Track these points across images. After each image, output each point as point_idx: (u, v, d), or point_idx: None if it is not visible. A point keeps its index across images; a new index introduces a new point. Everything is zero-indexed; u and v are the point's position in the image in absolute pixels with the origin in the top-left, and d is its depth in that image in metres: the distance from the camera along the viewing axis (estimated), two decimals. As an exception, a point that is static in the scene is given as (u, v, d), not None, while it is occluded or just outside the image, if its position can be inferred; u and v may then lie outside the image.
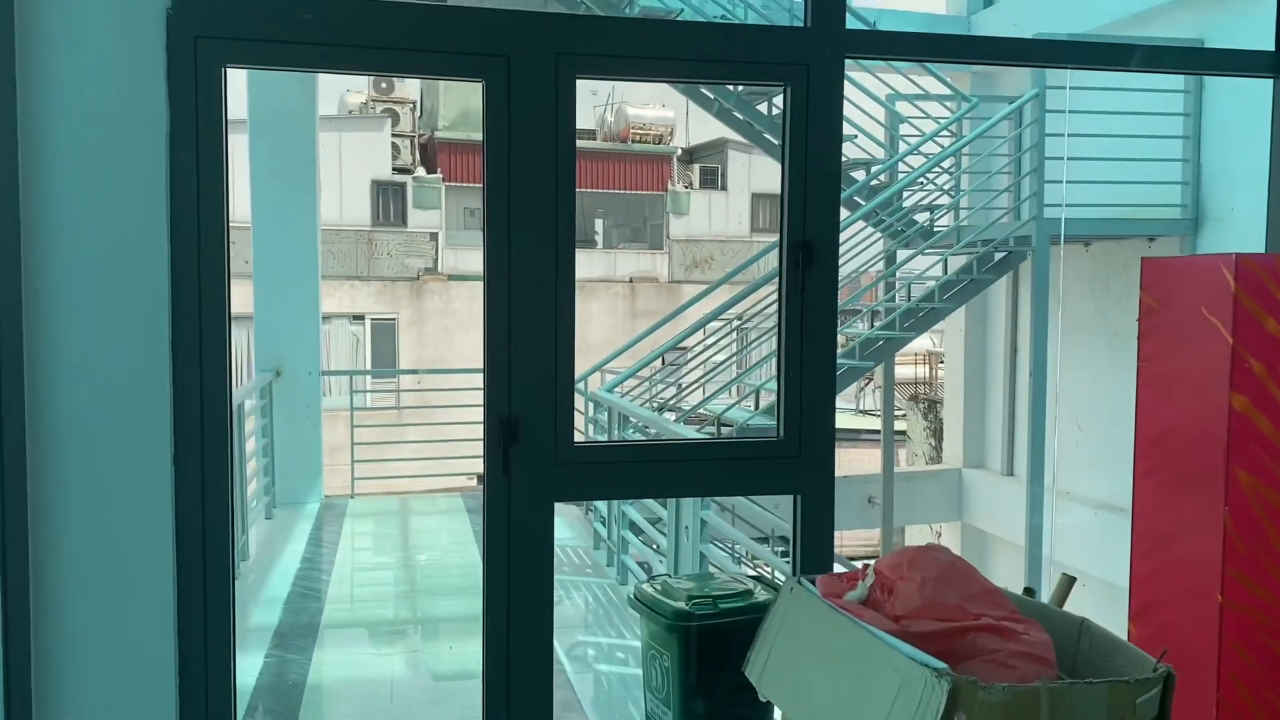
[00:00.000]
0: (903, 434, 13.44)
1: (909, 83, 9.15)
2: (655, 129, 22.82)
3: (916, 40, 4.50)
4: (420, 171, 21.09)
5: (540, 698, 2.96)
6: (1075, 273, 9.07)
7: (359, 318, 18.85)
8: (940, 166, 8.74)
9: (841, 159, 3.10)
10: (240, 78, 7.89)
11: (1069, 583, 2.74)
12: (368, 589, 6.92)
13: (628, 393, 9.15)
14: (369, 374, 17.55)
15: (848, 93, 3.04)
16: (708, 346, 9.33)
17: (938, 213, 9.02)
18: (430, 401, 11.64)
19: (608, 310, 20.08)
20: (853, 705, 2.14)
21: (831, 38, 2.98)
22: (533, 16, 2.85)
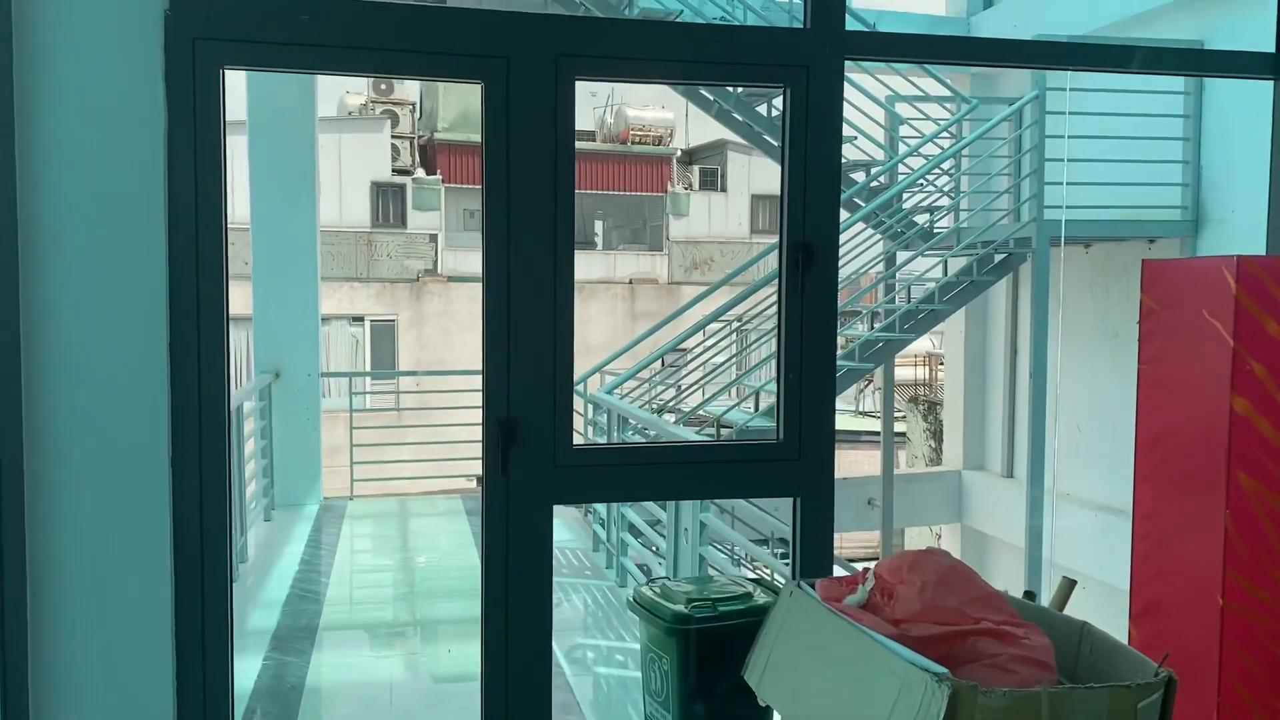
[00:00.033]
0: (902, 436, 13.44)
1: (909, 84, 9.15)
2: (655, 130, 22.84)
3: (916, 42, 4.48)
4: (420, 173, 21.10)
5: (539, 700, 2.95)
6: (1075, 274, 9.06)
7: (358, 319, 18.85)
8: (940, 168, 8.73)
9: (841, 161, 3.09)
10: (240, 79, 7.89)
11: (1069, 586, 2.74)
12: (367, 591, 6.90)
13: (627, 394, 9.14)
14: (368, 376, 17.54)
15: (847, 94, 3.04)
16: (707, 348, 9.32)
17: (938, 214, 9.01)
18: (429, 403, 11.63)
19: (607, 312, 20.08)
20: (852, 710, 2.14)
21: (831, 39, 2.97)
22: (532, 18, 2.84)
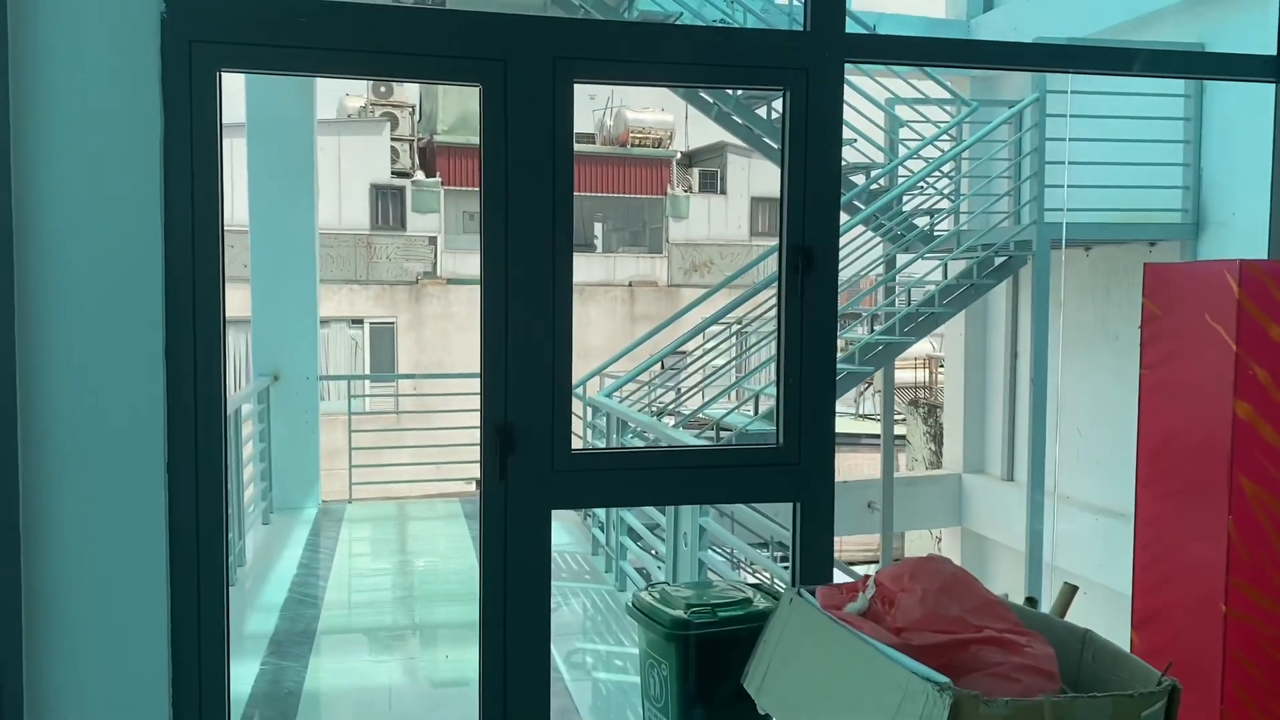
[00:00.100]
0: (902, 439, 13.42)
1: (909, 87, 9.14)
2: (654, 133, 22.83)
3: (917, 44, 4.46)
4: (419, 175, 21.08)
5: (538, 705, 2.94)
6: (1076, 277, 9.05)
7: (357, 322, 18.83)
8: (940, 171, 8.72)
9: (841, 163, 3.08)
10: (238, 82, 7.87)
11: (1071, 592, 2.72)
12: (365, 595, 6.88)
13: (627, 397, 9.12)
14: (367, 379, 17.52)
15: (847, 97, 3.03)
16: (707, 351, 9.30)
17: (938, 217, 9.00)
18: (429, 406, 11.61)
19: (606, 314, 20.06)
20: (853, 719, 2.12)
21: (831, 42, 2.96)
22: (530, 20, 2.83)
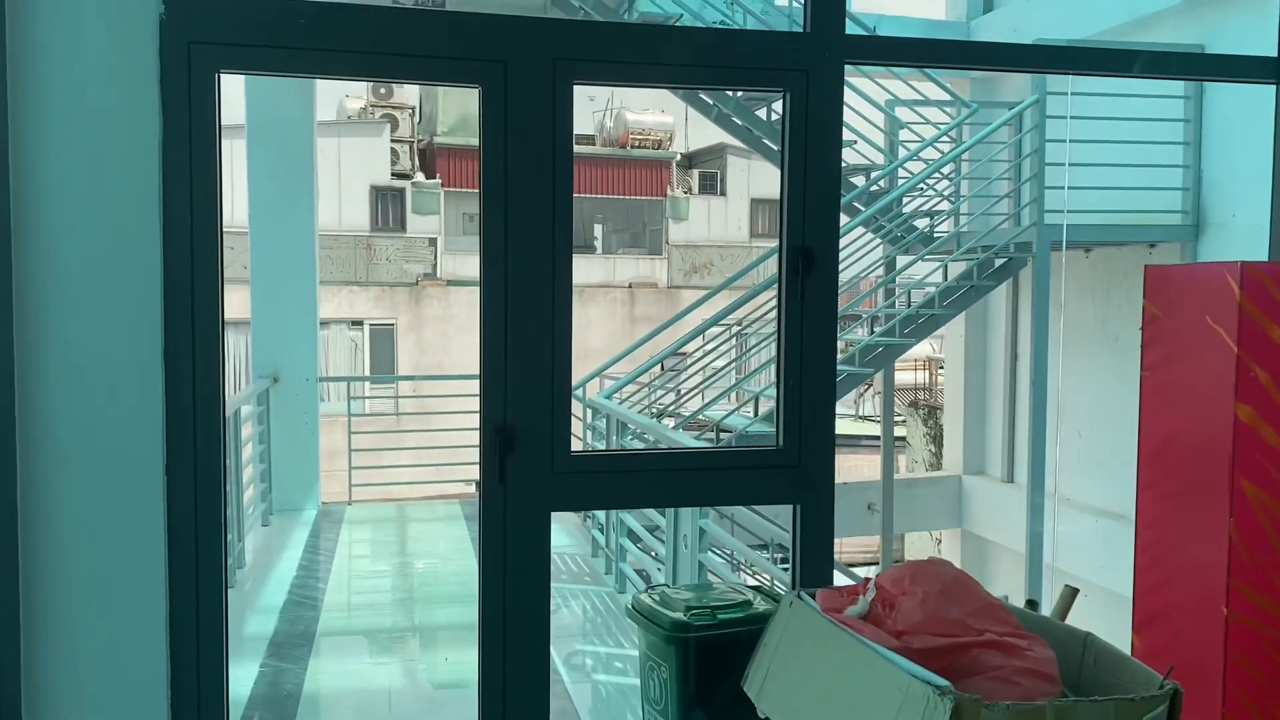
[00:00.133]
0: (902, 440, 13.41)
1: (908, 88, 9.13)
2: (654, 134, 22.83)
3: (917, 46, 4.46)
4: (419, 177, 21.08)
5: (537, 707, 2.93)
6: (1076, 279, 9.04)
7: (357, 323, 18.83)
8: (940, 172, 8.71)
9: (841, 165, 3.07)
10: (238, 83, 7.87)
11: (1072, 594, 2.71)
12: (365, 597, 6.87)
13: (627, 399, 9.11)
14: (366, 380, 17.51)
15: (847, 98, 3.02)
16: (707, 352, 9.30)
17: (938, 219, 8.99)
18: (428, 407, 11.60)
19: (606, 316, 20.06)
20: (853, 722, 2.11)
21: (831, 43, 2.96)
22: (530, 22, 2.82)
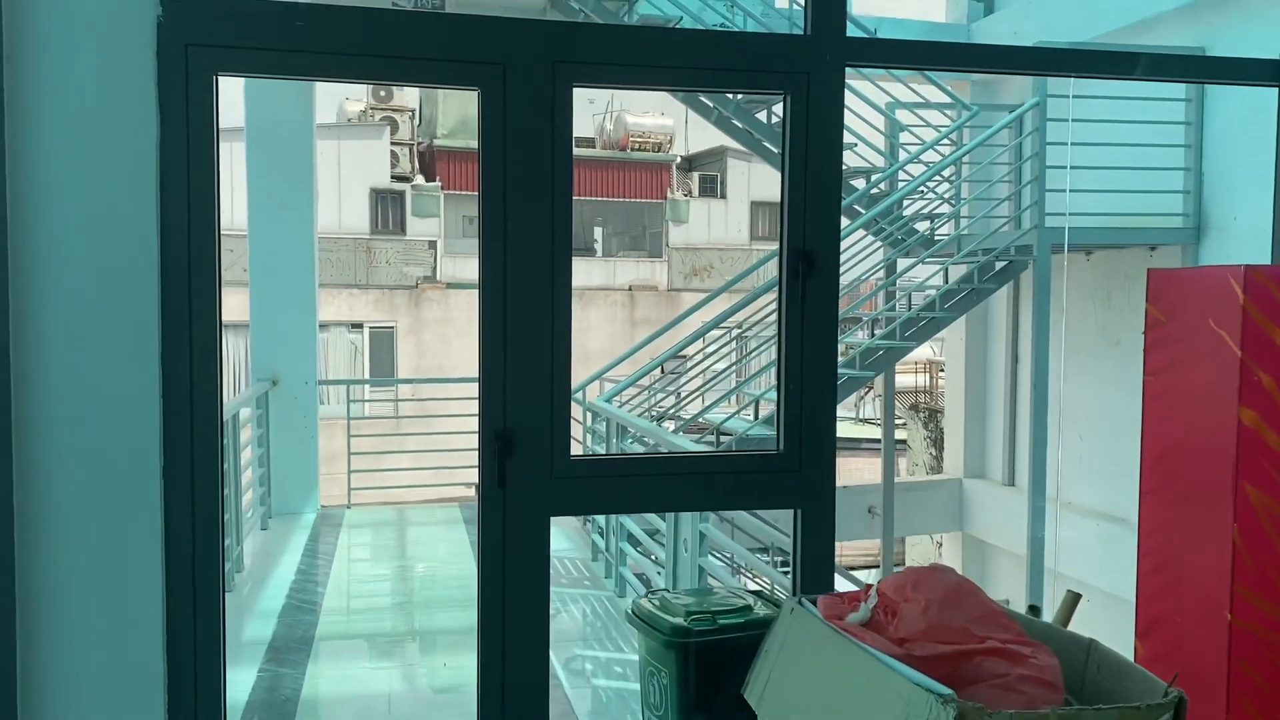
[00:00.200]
0: (903, 443, 13.39)
1: (909, 91, 9.12)
2: (654, 137, 22.85)
3: (918, 48, 4.46)
4: (419, 179, 21.09)
5: (536, 712, 2.92)
6: (1076, 282, 9.03)
7: (357, 326, 18.82)
8: (941, 175, 8.70)
9: (842, 168, 3.06)
10: (237, 85, 7.86)
11: (1074, 600, 2.70)
12: (364, 601, 6.85)
13: (627, 402, 9.10)
14: (366, 383, 17.51)
15: (847, 101, 3.01)
16: (707, 355, 9.28)
17: (938, 221, 8.98)
18: (428, 410, 11.59)
19: (606, 318, 20.06)
20: (855, 729, 2.09)
21: (832, 46, 2.94)
22: (528, 24, 2.81)
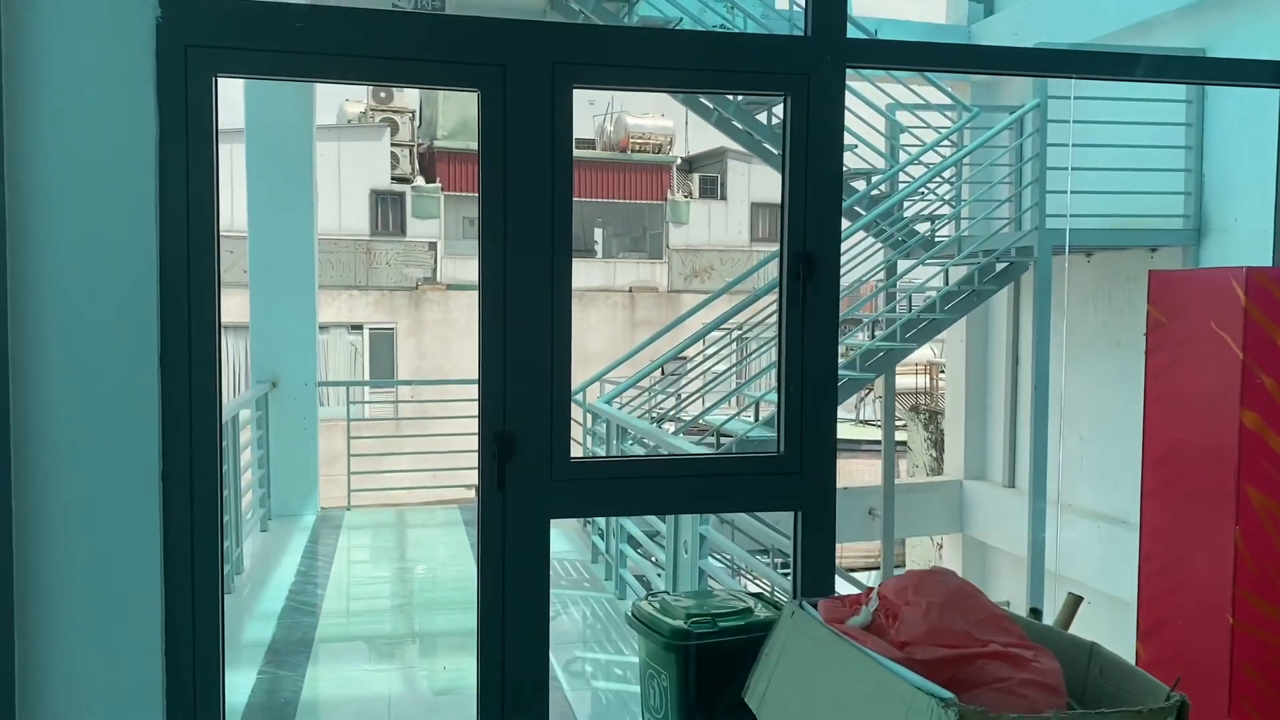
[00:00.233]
0: (903, 445, 13.38)
1: (909, 92, 9.11)
2: (654, 138, 22.84)
3: (918, 49, 4.46)
4: (419, 181, 21.07)
5: (536, 714, 2.92)
6: (1077, 283, 9.02)
7: (357, 327, 18.81)
8: (941, 176, 8.69)
9: (843, 169, 3.05)
10: (237, 87, 7.85)
11: (1075, 603, 2.69)
12: (364, 603, 6.84)
13: (627, 403, 9.09)
14: (366, 385, 17.49)
15: (848, 102, 3.00)
16: (708, 357, 9.27)
17: (939, 223, 8.97)
18: (428, 412, 11.58)
19: (607, 320, 20.04)
20: (856, 733, 2.08)
21: (832, 47, 2.94)
22: (528, 25, 2.81)
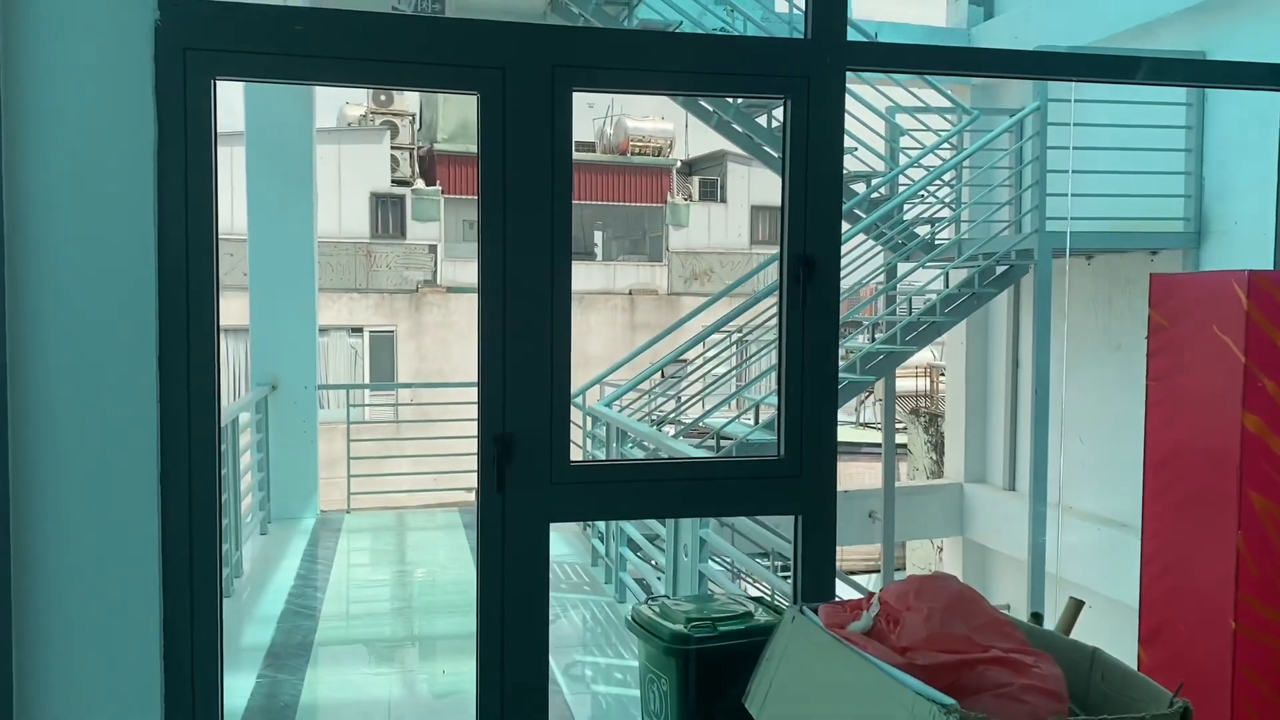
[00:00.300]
0: (904, 448, 13.36)
1: (909, 95, 9.11)
2: (654, 141, 22.83)
3: (918, 52, 4.45)
4: (419, 184, 21.06)
5: (536, 718, 2.90)
6: (1077, 286, 9.02)
7: (357, 330, 18.80)
8: (941, 179, 8.69)
9: (843, 172, 3.05)
10: (237, 89, 7.85)
11: (1077, 607, 2.68)
12: (363, 606, 6.83)
13: (627, 406, 9.07)
14: (366, 388, 17.48)
15: (848, 105, 3.00)
16: (708, 359, 9.26)
17: (939, 226, 8.97)
18: (428, 415, 11.56)
19: (607, 323, 20.04)
20: (857, 739, 2.07)
21: (832, 50, 2.93)
22: (528, 28, 2.80)
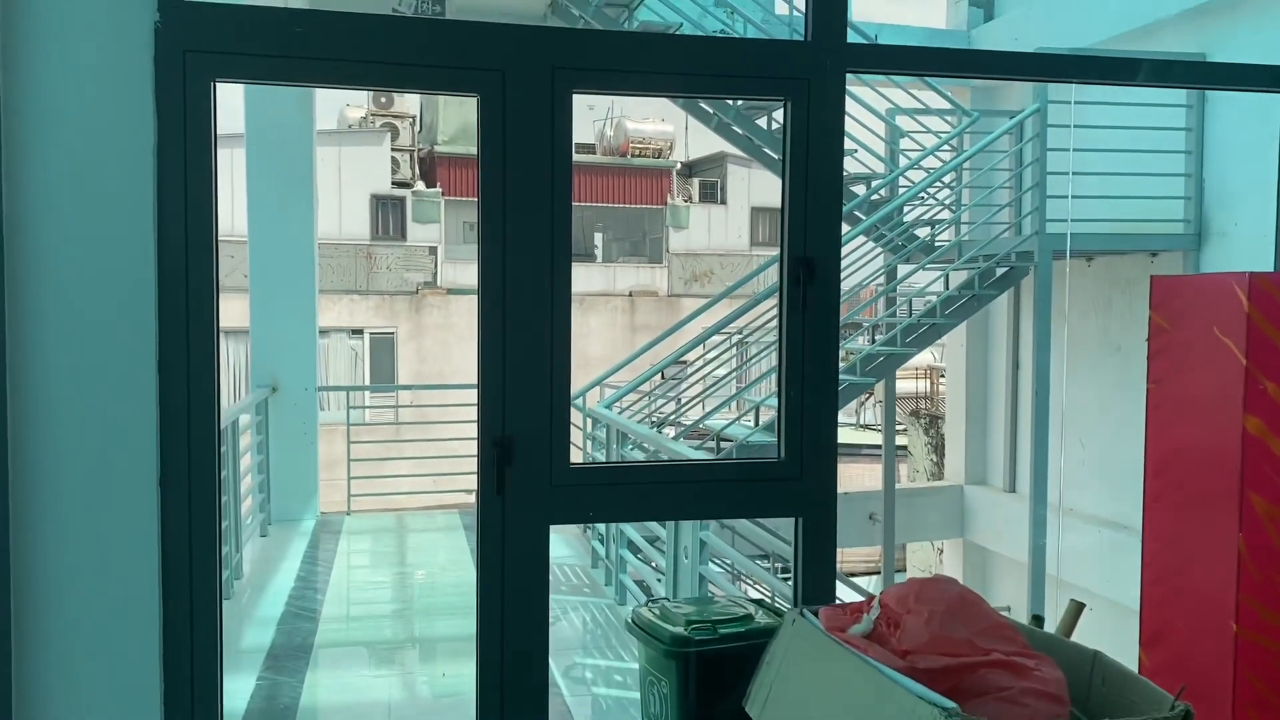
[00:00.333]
0: (904, 449, 13.36)
1: (909, 97, 9.11)
2: (654, 143, 22.83)
3: (918, 54, 4.44)
4: (420, 185, 21.07)
5: (536, 721, 2.90)
6: (1077, 288, 9.01)
7: (357, 332, 18.80)
8: (941, 181, 8.69)
9: (843, 174, 3.05)
10: (237, 91, 7.85)
11: (1078, 610, 2.67)
12: (363, 608, 6.82)
13: (627, 408, 9.07)
14: (366, 389, 17.47)
15: (848, 107, 2.99)
16: (708, 361, 9.25)
17: (939, 228, 8.97)
18: (428, 417, 11.56)
19: (607, 324, 20.04)
20: (858, 742, 2.07)
21: (832, 52, 2.93)
22: (528, 30, 2.80)
